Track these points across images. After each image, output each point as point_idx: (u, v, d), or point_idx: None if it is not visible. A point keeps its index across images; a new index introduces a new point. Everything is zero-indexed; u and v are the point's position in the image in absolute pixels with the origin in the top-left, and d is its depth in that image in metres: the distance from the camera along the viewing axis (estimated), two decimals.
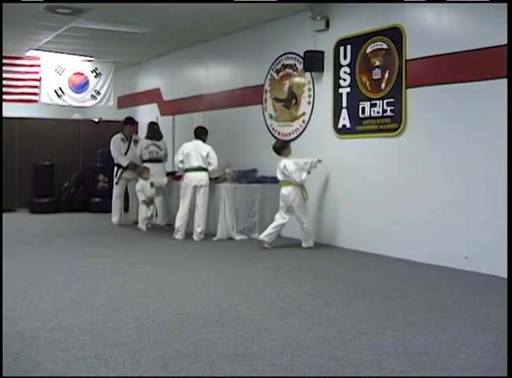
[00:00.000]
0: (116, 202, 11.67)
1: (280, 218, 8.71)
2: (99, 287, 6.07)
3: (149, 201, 10.63)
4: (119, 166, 11.55)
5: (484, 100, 6.94)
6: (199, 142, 9.81)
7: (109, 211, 11.89)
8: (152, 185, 10.56)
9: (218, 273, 6.93)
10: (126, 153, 11.58)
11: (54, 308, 5.23)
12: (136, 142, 11.70)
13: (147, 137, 11.21)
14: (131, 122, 11.98)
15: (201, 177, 9.62)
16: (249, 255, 8.21)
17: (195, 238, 9.56)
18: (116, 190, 11.67)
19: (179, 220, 9.64)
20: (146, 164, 10.91)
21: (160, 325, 4.74)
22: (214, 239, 9.45)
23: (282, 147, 8.89)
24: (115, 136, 11.68)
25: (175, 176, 11.08)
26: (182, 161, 9.72)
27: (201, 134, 9.98)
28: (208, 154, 9.68)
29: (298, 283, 6.43)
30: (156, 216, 10.93)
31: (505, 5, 6.34)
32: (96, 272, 6.91)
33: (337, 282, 6.51)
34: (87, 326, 4.68)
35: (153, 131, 11.27)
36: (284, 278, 6.67)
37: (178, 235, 9.58)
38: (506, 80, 6.40)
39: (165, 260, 7.82)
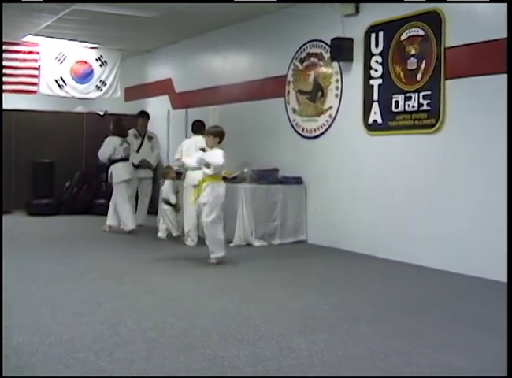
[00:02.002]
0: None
1: None
2: (104, 297, 6.08)
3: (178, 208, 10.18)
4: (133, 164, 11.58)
5: None
6: (198, 138, 9.77)
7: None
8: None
9: (235, 283, 6.93)
10: (139, 150, 11.61)
11: (54, 320, 5.24)
12: (151, 138, 11.80)
13: (118, 134, 11.16)
14: (144, 116, 12.03)
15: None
16: (269, 263, 8.19)
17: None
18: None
19: (188, 224, 9.64)
20: (120, 164, 10.97)
21: (170, 340, 4.73)
22: (231, 244, 9.43)
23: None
24: (128, 132, 11.68)
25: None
26: (179, 159, 9.75)
27: (199, 128, 10.02)
28: None
29: (322, 294, 6.41)
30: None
31: None
32: (100, 280, 6.92)
33: (365, 293, 6.48)
34: (89, 341, 4.68)
35: (124, 129, 11.38)
36: (307, 288, 6.66)
37: (189, 241, 9.57)
38: None
39: (176, 268, 7.83)
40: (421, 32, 8.16)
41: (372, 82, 8.91)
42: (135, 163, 11.49)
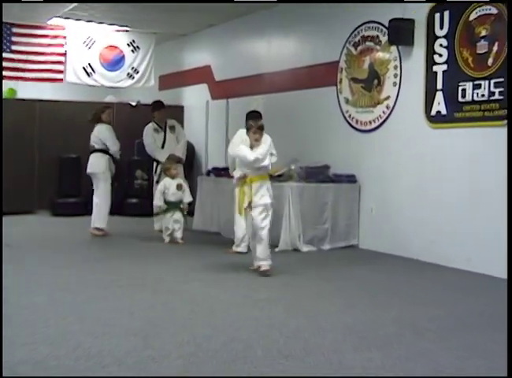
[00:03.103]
0: None
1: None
2: (136, 307, 6.11)
3: (175, 208, 10.36)
4: (158, 161, 11.64)
5: None
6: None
7: (149, 214, 11.97)
8: (180, 187, 10.48)
9: (281, 292, 6.92)
10: (163, 146, 11.65)
11: (81, 331, 5.27)
12: (173, 128, 11.79)
13: (107, 122, 11.27)
14: (158, 107, 11.99)
15: None
16: (319, 271, 8.16)
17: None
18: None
19: (242, 229, 9.56)
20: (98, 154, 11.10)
21: (210, 355, 4.73)
22: (276, 249, 9.41)
23: None
24: (146, 127, 11.81)
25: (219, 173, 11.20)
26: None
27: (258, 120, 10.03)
28: (270, 144, 9.72)
29: (380, 306, 6.36)
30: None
31: None
32: (132, 287, 6.97)
33: (430, 307, 6.41)
34: (121, 354, 4.69)
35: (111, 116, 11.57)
36: (363, 300, 6.61)
37: (242, 247, 9.51)
38: None
39: (217, 275, 7.85)
40: (494, 11, 8.05)
41: (435, 68, 8.82)
42: (162, 161, 11.48)
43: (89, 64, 14.11)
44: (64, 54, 13.79)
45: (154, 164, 11.75)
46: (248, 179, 7.94)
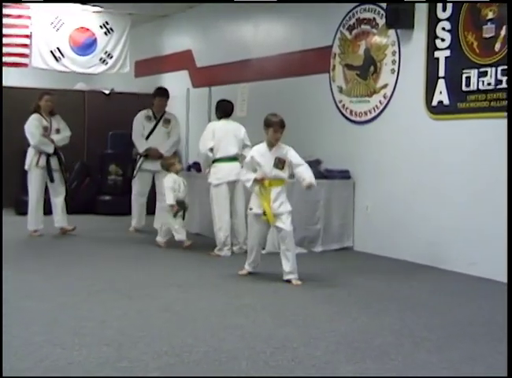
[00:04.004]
0: (134, 203, 11.74)
1: None
2: (109, 315, 6.11)
3: (180, 207, 10.21)
4: (138, 153, 11.63)
5: None
6: (231, 121, 9.89)
7: (123, 213, 12.01)
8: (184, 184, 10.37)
9: (268, 299, 6.94)
10: (149, 136, 11.57)
11: (49, 342, 5.25)
12: (168, 121, 11.70)
13: (43, 111, 11.21)
14: (161, 94, 11.87)
15: (238, 169, 9.63)
16: (309, 275, 8.15)
17: (236, 250, 9.64)
18: (135, 187, 11.72)
19: (224, 231, 9.59)
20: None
21: (190, 367, 4.74)
22: (263, 252, 9.43)
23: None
24: (139, 113, 11.75)
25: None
26: (212, 149, 9.70)
27: (231, 110, 10.12)
28: (244, 136, 9.81)
29: (375, 314, 6.38)
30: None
31: None
32: (105, 293, 6.96)
33: (430, 314, 6.44)
34: (92, 366, 4.69)
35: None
36: (357, 306, 6.64)
37: (225, 251, 9.54)
38: None
39: (197, 279, 7.87)
40: None
41: (437, 54, 8.85)
42: (140, 152, 11.47)
43: (57, 47, 14.05)
44: (30, 36, 13.66)
45: (137, 156, 11.69)
46: (267, 183, 7.81)
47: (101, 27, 14.48)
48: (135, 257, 9.36)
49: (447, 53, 8.72)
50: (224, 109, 10.03)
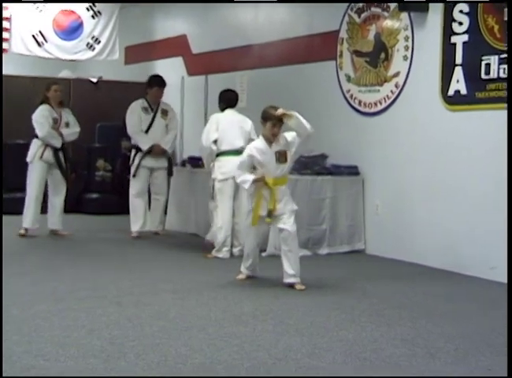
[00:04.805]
0: (137, 203, 11.34)
1: None
2: (97, 323, 6.09)
3: None
4: (137, 149, 11.41)
5: None
6: (236, 113, 9.87)
7: (112, 212, 12.01)
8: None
9: (270, 305, 6.94)
10: (148, 129, 11.43)
11: (30, 353, 5.23)
12: (166, 112, 11.51)
13: (52, 102, 11.23)
14: (159, 83, 11.62)
15: None
16: (314, 279, 8.16)
17: (236, 253, 9.64)
18: (135, 186, 11.37)
19: (225, 231, 9.59)
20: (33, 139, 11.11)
21: None
22: (264, 254, 9.43)
23: None
24: (134, 103, 11.50)
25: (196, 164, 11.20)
26: (216, 141, 9.70)
27: (236, 100, 10.12)
28: (251, 129, 9.81)
29: (386, 322, 6.38)
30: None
31: None
32: (92, 300, 6.95)
33: (447, 323, 6.44)
34: None
35: None
36: (366, 314, 6.64)
37: (224, 253, 9.56)
38: None
39: (193, 284, 7.86)
40: None
41: (454, 39, 8.85)
42: (145, 148, 11.36)
43: (40, 31, 14.02)
44: (9, 19, 13.61)
45: (133, 151, 11.44)
46: (271, 182, 7.68)
47: (87, 9, 14.46)
48: (127, 260, 9.37)
49: (465, 37, 8.72)
50: (229, 99, 10.05)
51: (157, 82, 11.61)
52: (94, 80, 15.10)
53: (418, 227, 9.32)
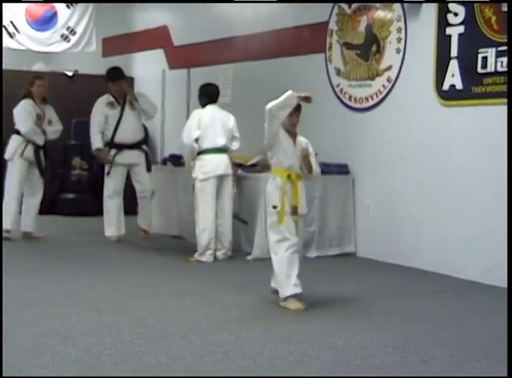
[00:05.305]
0: (110, 205, 11.30)
1: None
2: (73, 330, 6.09)
3: None
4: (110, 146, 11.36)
5: None
6: (218, 108, 9.88)
7: (88, 213, 11.97)
8: None
9: (255, 311, 6.97)
10: (118, 125, 11.31)
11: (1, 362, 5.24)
12: (133, 104, 11.41)
13: (36, 96, 11.18)
14: (117, 76, 11.54)
15: (227, 162, 9.65)
16: (303, 284, 8.12)
17: (220, 256, 9.65)
18: (108, 185, 11.32)
19: (208, 233, 9.56)
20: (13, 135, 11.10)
21: None
22: (249, 257, 9.47)
23: None
24: (97, 101, 11.48)
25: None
26: (197, 140, 9.67)
27: (218, 95, 10.10)
28: (233, 126, 9.83)
29: (378, 328, 6.40)
30: None
31: None
32: (68, 306, 6.95)
33: (441, 328, 6.47)
34: None
35: None
36: (356, 320, 6.66)
37: (207, 256, 9.56)
38: None
39: (175, 290, 7.87)
40: None
41: (449, 31, 8.88)
42: (92, 149, 11.31)
43: (11, 21, 13.96)
44: None
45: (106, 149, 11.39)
46: (294, 175, 7.34)
47: None
48: (105, 264, 9.36)
49: (461, 29, 8.75)
50: (210, 94, 10.01)
51: (110, 76, 11.56)
52: (70, 74, 15.05)
53: (411, 229, 9.35)
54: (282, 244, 7.14)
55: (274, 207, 7.21)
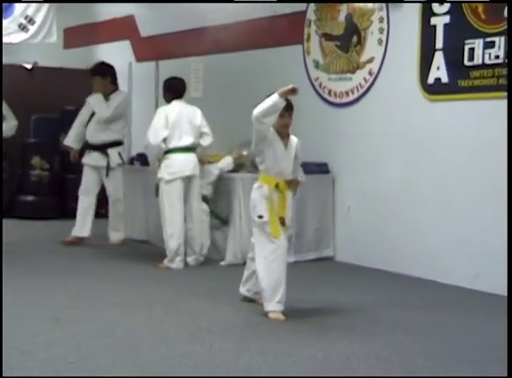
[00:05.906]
0: (80, 203, 11.30)
1: None
2: (32, 343, 6.06)
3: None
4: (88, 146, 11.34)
5: None
6: (185, 104, 9.86)
7: (49, 217, 11.90)
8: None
9: (228, 319, 6.97)
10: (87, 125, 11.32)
11: None
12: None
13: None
14: (101, 72, 11.41)
15: (195, 162, 9.61)
16: None
17: (191, 262, 9.65)
18: (81, 183, 11.33)
19: (177, 238, 9.53)
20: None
21: None
22: (222, 263, 9.47)
23: None
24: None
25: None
26: (165, 139, 9.61)
27: (184, 89, 10.06)
28: (201, 122, 9.79)
29: (359, 337, 6.42)
30: None
31: None
32: (26, 317, 6.92)
33: (426, 337, 6.49)
34: None
35: None
36: (337, 329, 6.68)
37: (177, 263, 9.54)
38: None
39: (143, 297, 7.85)
40: None
41: (434, 20, 8.92)
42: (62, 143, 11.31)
43: None
44: None
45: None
46: (282, 185, 7.27)
47: None
48: (67, 271, 9.31)
49: (446, 19, 8.78)
50: (176, 89, 9.94)
51: (97, 70, 11.50)
52: (29, 66, 15.01)
53: (394, 232, 9.38)
54: (268, 248, 7.23)
55: (260, 217, 7.17)
